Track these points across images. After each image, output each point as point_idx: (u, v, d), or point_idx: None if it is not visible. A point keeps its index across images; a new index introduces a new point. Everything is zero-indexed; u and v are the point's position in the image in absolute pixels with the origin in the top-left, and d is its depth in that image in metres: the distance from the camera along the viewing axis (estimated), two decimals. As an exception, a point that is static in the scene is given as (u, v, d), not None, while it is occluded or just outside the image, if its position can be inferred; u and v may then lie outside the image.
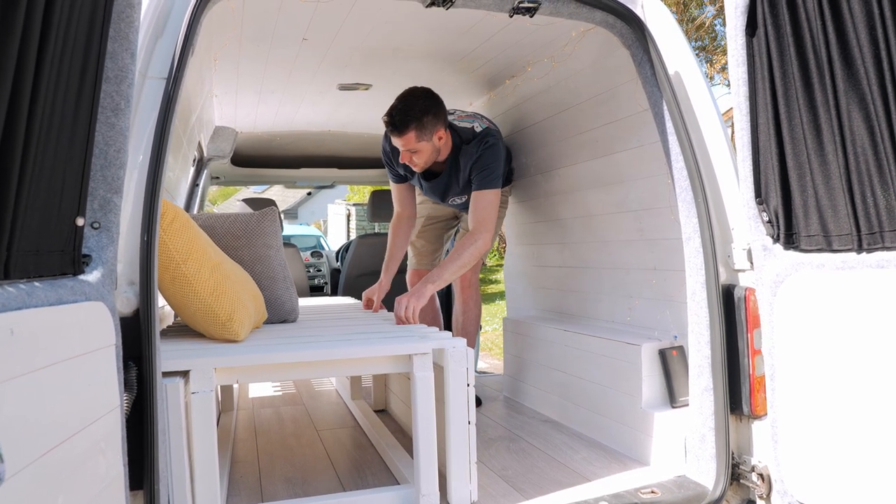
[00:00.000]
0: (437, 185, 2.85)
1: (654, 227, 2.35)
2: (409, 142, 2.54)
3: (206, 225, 2.31)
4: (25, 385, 0.92)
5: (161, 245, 1.79)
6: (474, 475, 1.88)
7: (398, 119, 2.49)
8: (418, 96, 2.54)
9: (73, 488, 1.05)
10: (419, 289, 2.45)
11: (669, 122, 1.97)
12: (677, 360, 2.21)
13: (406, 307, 2.37)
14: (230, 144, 3.84)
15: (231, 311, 1.88)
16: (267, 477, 2.16)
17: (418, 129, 2.52)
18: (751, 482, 1.82)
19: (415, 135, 2.52)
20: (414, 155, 2.60)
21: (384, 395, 3.07)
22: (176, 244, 1.83)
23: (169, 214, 1.81)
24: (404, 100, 2.52)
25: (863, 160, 1.41)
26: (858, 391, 1.45)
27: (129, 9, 1.31)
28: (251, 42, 2.46)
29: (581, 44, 2.50)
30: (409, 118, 2.49)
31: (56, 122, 1.09)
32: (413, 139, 2.53)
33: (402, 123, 2.49)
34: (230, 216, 2.36)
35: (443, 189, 2.87)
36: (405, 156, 2.61)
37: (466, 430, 1.86)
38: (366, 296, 2.99)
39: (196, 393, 1.62)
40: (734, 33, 1.68)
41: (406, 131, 2.50)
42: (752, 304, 1.82)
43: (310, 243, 11.72)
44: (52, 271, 1.14)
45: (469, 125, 2.73)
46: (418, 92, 2.56)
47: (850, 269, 1.46)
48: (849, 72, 1.42)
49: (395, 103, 2.52)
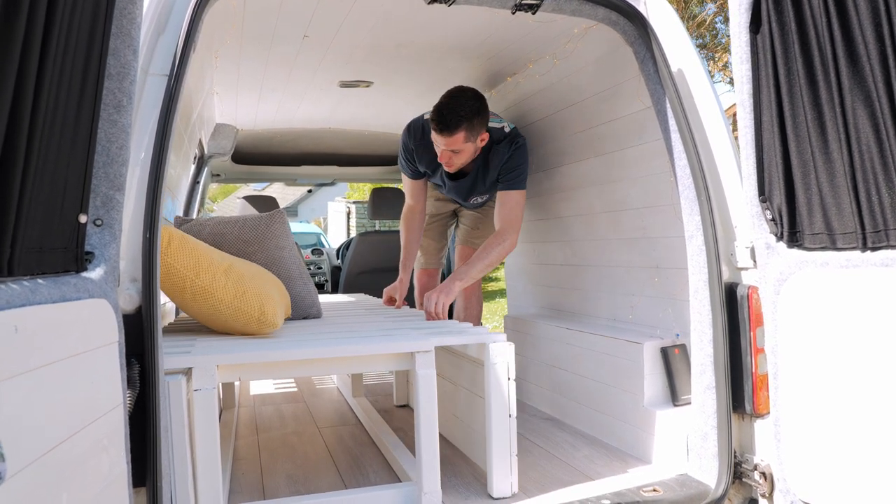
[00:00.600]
0: (463, 184, 2.82)
1: (657, 225, 2.35)
2: (455, 142, 2.47)
3: (215, 231, 2.31)
4: (29, 382, 0.92)
5: (168, 269, 1.84)
6: (515, 467, 1.92)
7: (449, 118, 2.41)
8: (469, 96, 2.46)
9: (76, 486, 1.05)
10: (447, 285, 2.47)
11: (672, 120, 1.96)
12: (679, 358, 2.21)
13: (436, 303, 2.39)
14: (231, 142, 3.84)
15: (260, 305, 1.92)
16: (268, 474, 2.16)
17: (468, 130, 2.46)
18: (753, 481, 1.82)
19: (464, 135, 2.46)
20: (455, 155, 2.54)
21: (406, 390, 3.10)
22: (182, 262, 1.86)
23: (164, 237, 1.83)
24: (455, 99, 2.44)
25: (868, 158, 1.41)
26: (861, 390, 1.45)
27: (132, 5, 1.30)
28: (252, 39, 2.45)
29: (583, 41, 2.49)
30: (460, 118, 2.42)
31: (59, 118, 1.09)
32: (461, 140, 2.47)
33: (454, 123, 2.42)
34: (238, 221, 2.35)
35: (468, 189, 2.84)
36: (444, 155, 2.54)
37: (508, 424, 1.90)
38: (387, 293, 2.99)
39: (198, 390, 1.62)
40: (738, 30, 1.67)
41: (456, 131, 2.44)
42: (755, 302, 1.82)
43: (310, 241, 11.73)
44: (55, 268, 1.13)
45: (499, 125, 2.70)
46: (468, 92, 2.49)
47: (855, 267, 1.46)
48: (854, 69, 1.41)
49: (445, 101, 2.44)
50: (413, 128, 2.76)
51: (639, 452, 2.23)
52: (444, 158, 2.56)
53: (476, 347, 1.99)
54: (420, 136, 2.73)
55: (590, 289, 2.81)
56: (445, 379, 2.48)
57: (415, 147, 2.75)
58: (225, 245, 2.29)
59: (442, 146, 2.51)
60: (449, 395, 2.45)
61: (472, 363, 2.17)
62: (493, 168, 2.72)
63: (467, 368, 2.24)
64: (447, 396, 2.47)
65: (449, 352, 2.40)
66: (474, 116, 2.46)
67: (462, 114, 2.42)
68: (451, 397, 2.43)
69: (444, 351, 2.44)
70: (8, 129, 0.94)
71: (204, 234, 2.30)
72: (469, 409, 2.25)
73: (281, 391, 3.57)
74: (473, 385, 2.18)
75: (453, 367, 2.39)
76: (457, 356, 2.32)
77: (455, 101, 2.44)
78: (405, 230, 2.97)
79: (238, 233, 2.31)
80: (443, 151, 2.53)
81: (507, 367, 1.91)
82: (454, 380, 2.39)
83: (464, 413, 2.31)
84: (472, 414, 2.21)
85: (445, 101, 2.45)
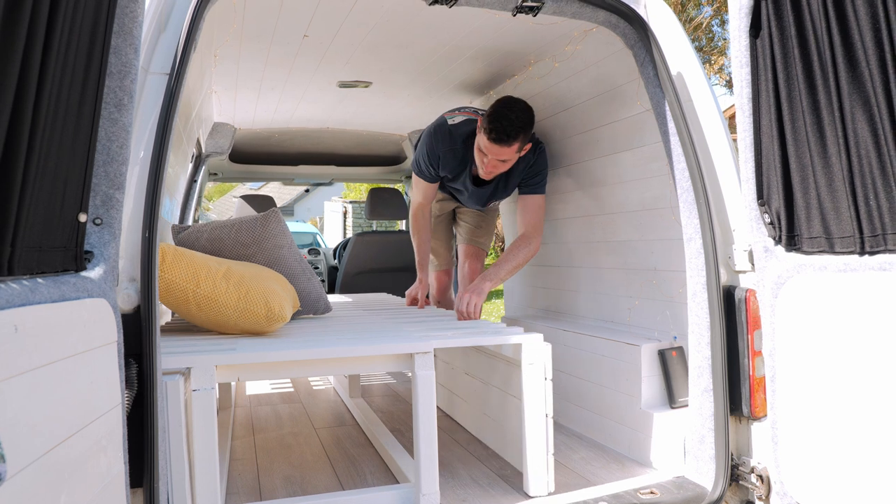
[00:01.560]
0: (485, 191, 2.82)
1: (655, 228, 2.35)
2: (509, 152, 2.48)
3: (213, 237, 2.30)
4: (28, 382, 0.92)
5: (167, 284, 1.88)
6: (551, 466, 1.95)
7: (510, 130, 2.41)
8: (522, 108, 2.47)
9: (75, 486, 1.04)
10: (478, 285, 2.51)
11: (671, 123, 1.97)
12: (677, 360, 2.22)
13: (468, 303, 2.44)
14: (229, 141, 3.83)
15: (266, 302, 1.94)
16: (265, 475, 2.16)
17: (522, 141, 2.49)
18: (750, 483, 1.82)
19: (518, 145, 2.48)
20: (501, 164, 2.55)
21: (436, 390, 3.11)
22: (180, 275, 1.89)
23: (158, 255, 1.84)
24: (511, 110, 2.43)
25: (866, 162, 1.41)
26: (859, 394, 1.45)
27: (133, 4, 1.30)
28: (252, 38, 2.45)
29: (583, 43, 2.49)
30: (519, 129, 2.43)
31: (60, 117, 1.08)
32: (514, 150, 2.49)
33: (514, 134, 2.42)
34: (235, 224, 2.34)
35: (489, 195, 2.85)
36: (491, 164, 2.53)
37: (545, 423, 1.93)
38: (409, 295, 3.02)
39: (197, 390, 1.62)
40: (738, 34, 1.68)
41: (513, 142, 2.45)
42: (753, 305, 1.82)
43: (306, 240, 11.71)
44: (55, 268, 1.13)
45: None
46: (521, 103, 2.49)
47: (853, 271, 1.46)
48: (853, 74, 1.42)
49: (503, 111, 2.42)
50: (440, 133, 2.73)
51: (636, 455, 2.24)
52: (491, 167, 2.55)
53: (512, 347, 2.01)
54: (448, 143, 2.71)
55: (587, 291, 2.82)
56: (476, 378, 2.52)
57: (441, 154, 2.73)
58: (224, 250, 2.29)
59: (492, 155, 2.50)
60: (479, 394, 2.49)
61: (506, 363, 2.20)
62: (516, 174, 2.72)
63: (500, 368, 2.27)
64: (477, 395, 2.51)
65: (480, 351, 2.44)
66: (529, 127, 2.48)
67: (520, 125, 2.43)
68: (482, 396, 2.46)
69: (474, 350, 2.49)
70: (10, 127, 0.94)
71: (202, 240, 2.29)
72: (501, 409, 2.28)
73: (277, 391, 3.57)
74: (507, 385, 2.21)
75: (485, 367, 2.42)
76: (489, 355, 2.36)
77: (512, 113, 2.43)
78: (417, 230, 2.96)
79: (235, 237, 2.30)
80: (491, 160, 2.52)
81: (543, 367, 1.94)
82: (486, 379, 2.42)
83: (495, 412, 2.34)
84: (505, 413, 2.24)
85: (503, 111, 2.43)
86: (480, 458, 2.28)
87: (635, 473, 2.10)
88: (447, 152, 2.71)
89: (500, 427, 2.29)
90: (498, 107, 2.45)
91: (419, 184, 2.89)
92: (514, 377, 2.12)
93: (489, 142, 2.45)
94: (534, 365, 1.93)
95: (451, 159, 2.73)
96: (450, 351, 2.81)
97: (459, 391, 2.74)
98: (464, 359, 2.66)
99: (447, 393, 2.92)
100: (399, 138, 4.42)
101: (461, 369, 2.69)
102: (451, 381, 2.85)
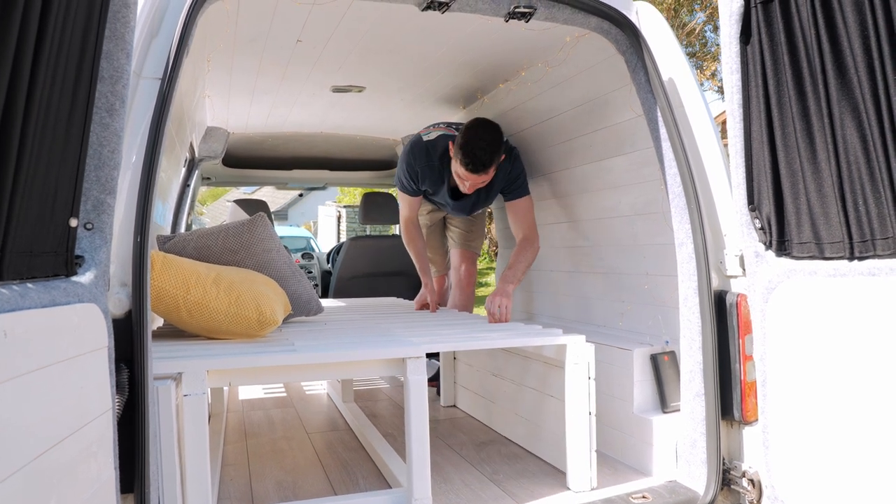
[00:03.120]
0: (466, 203, 2.94)
1: (647, 233, 2.36)
2: (487, 176, 2.61)
3: (199, 245, 2.29)
4: (18, 388, 0.91)
5: (158, 292, 1.88)
6: (594, 462, 2.01)
7: (486, 160, 2.53)
8: (492, 129, 2.58)
9: (65, 492, 1.04)
10: (504, 288, 2.60)
11: (663, 128, 1.98)
12: (669, 365, 2.22)
13: (499, 305, 2.52)
14: (222, 145, 3.83)
15: (257, 306, 1.95)
16: (258, 480, 2.15)
17: (497, 161, 2.60)
18: (741, 487, 1.83)
19: (494, 168, 2.61)
20: (482, 183, 2.65)
21: (452, 391, 3.20)
22: (170, 282, 1.90)
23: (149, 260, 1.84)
24: (482, 138, 2.54)
25: (855, 168, 1.42)
26: (849, 398, 1.46)
27: (125, 8, 1.30)
28: (245, 43, 2.45)
29: (575, 49, 2.50)
30: (493, 154, 2.55)
31: (51, 121, 1.08)
32: (492, 172, 2.62)
33: (489, 162, 2.54)
34: (222, 231, 2.33)
35: (472, 203, 2.96)
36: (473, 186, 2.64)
37: (588, 421, 2.00)
38: (418, 302, 3.13)
39: (188, 395, 1.61)
40: (728, 41, 1.69)
41: (490, 169, 2.58)
42: (744, 310, 1.83)
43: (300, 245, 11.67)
44: (45, 272, 1.12)
45: None
46: (489, 125, 2.59)
47: (842, 276, 1.47)
48: (842, 80, 1.43)
49: (474, 141, 2.52)
50: (416, 149, 2.84)
51: (628, 459, 2.24)
52: (472, 189, 2.67)
53: (554, 348, 2.08)
54: (425, 159, 2.81)
55: (580, 295, 2.82)
56: (505, 379, 2.57)
57: (420, 170, 2.84)
58: (211, 257, 2.28)
59: (470, 182, 2.62)
60: (510, 394, 2.55)
61: (544, 363, 2.26)
62: (496, 183, 2.82)
63: (535, 368, 2.34)
64: (507, 396, 2.57)
65: (510, 352, 2.51)
66: (501, 146, 2.60)
67: (493, 150, 2.54)
68: (513, 397, 2.53)
69: (502, 352, 2.57)
70: (0, 131, 0.93)
71: (189, 249, 2.28)
72: (537, 409, 2.34)
73: (270, 396, 3.56)
74: (544, 385, 2.29)
75: (516, 368, 2.49)
76: (523, 357, 2.42)
77: (483, 141, 2.53)
78: (411, 240, 3.06)
79: (223, 243, 2.29)
80: (471, 185, 2.64)
81: (587, 366, 2.00)
82: (518, 380, 2.48)
83: (529, 412, 2.40)
84: (541, 413, 2.31)
85: (474, 141, 2.52)
86: (473, 463, 2.28)
87: (627, 478, 2.10)
88: (425, 167, 2.82)
89: (536, 426, 2.36)
90: (469, 136, 2.55)
91: (403, 198, 3.01)
92: (553, 377, 2.21)
93: (466, 171, 2.56)
94: (578, 365, 2.00)
95: (430, 174, 2.84)
96: (473, 353, 2.89)
97: (485, 392, 2.80)
98: (490, 361, 2.73)
99: (471, 395, 2.98)
100: (392, 143, 4.42)
101: (487, 371, 2.76)
102: (476, 383, 2.91)
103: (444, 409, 3.13)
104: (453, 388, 3.20)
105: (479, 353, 2.80)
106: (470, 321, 2.55)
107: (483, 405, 2.84)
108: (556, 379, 2.17)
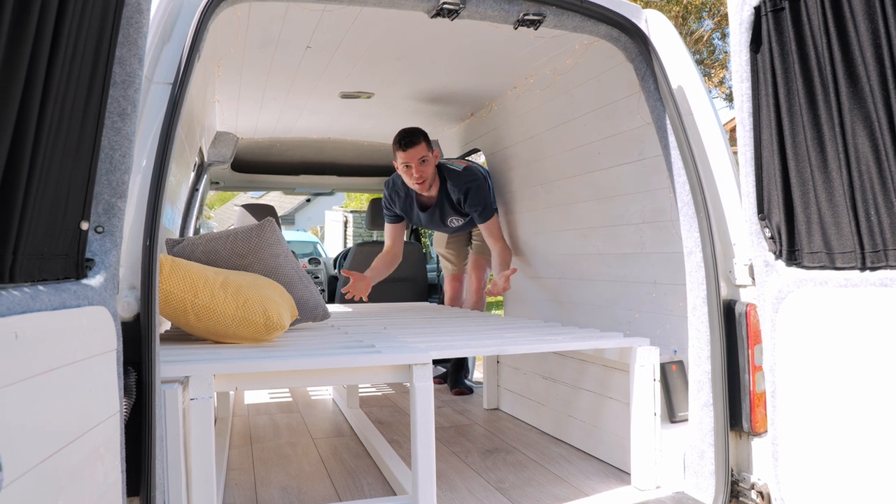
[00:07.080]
0: (434, 212, 3.46)
1: (655, 241, 2.35)
2: (421, 151, 3.15)
3: (208, 249, 2.30)
4: (28, 390, 0.92)
5: (166, 295, 1.90)
6: (658, 462, 2.06)
7: (413, 134, 3.15)
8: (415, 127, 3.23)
9: (72, 494, 1.04)
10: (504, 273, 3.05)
11: (672, 136, 1.97)
12: (677, 374, 2.21)
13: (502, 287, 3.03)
14: (231, 150, 3.84)
15: (264, 311, 1.95)
16: (262, 485, 2.15)
17: (426, 141, 3.19)
18: (750, 500, 1.81)
19: (424, 145, 3.17)
20: (423, 166, 3.17)
21: (496, 394, 3.26)
22: (178, 286, 1.91)
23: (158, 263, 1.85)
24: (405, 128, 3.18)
25: (867, 177, 1.41)
26: (860, 410, 1.45)
27: (138, 14, 1.31)
28: (255, 49, 2.46)
29: (584, 56, 2.51)
30: (417, 133, 3.17)
31: (64, 125, 1.09)
32: (424, 148, 3.16)
33: (416, 136, 3.15)
34: (230, 235, 2.33)
35: (440, 214, 3.46)
36: (416, 170, 3.17)
37: (653, 421, 2.06)
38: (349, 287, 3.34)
39: (195, 399, 1.61)
40: (738, 49, 1.69)
41: (418, 142, 3.15)
42: (754, 319, 1.82)
43: (307, 250, 11.71)
44: (56, 275, 1.13)
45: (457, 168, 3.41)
46: None
47: (854, 286, 1.46)
48: (853, 89, 1.42)
49: (400, 131, 3.16)
50: (388, 183, 3.55)
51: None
52: (417, 174, 3.18)
53: (618, 351, 2.14)
54: (393, 187, 3.50)
55: (587, 303, 2.81)
56: (558, 382, 2.65)
57: (390, 195, 3.52)
58: (219, 261, 2.28)
59: (411, 161, 3.15)
60: (562, 397, 2.63)
61: (603, 367, 2.33)
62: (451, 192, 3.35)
63: (592, 371, 2.41)
64: (559, 399, 2.65)
65: (563, 356, 2.60)
66: (424, 133, 3.21)
67: (418, 131, 3.19)
68: (566, 399, 2.60)
69: (555, 356, 2.67)
70: (14, 135, 0.94)
71: (197, 253, 2.28)
72: (594, 411, 2.41)
73: (275, 401, 3.56)
74: (602, 387, 2.35)
75: (571, 371, 2.56)
76: (578, 360, 2.49)
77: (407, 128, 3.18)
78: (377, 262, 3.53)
79: (231, 247, 2.30)
80: (415, 167, 3.16)
81: (652, 369, 2.06)
82: (571, 382, 2.55)
83: (585, 414, 2.47)
84: (599, 415, 2.38)
85: (401, 130, 3.18)
86: (478, 471, 2.27)
87: (635, 489, 2.09)
88: (392, 193, 3.50)
89: (595, 427, 2.41)
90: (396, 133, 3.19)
91: (387, 229, 3.63)
92: (614, 379, 2.28)
93: (403, 151, 3.13)
94: (644, 367, 2.05)
95: (398, 199, 3.50)
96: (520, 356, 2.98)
97: (534, 395, 2.87)
98: (541, 364, 2.79)
99: (516, 397, 3.04)
100: (400, 149, 4.43)
101: (536, 374, 2.83)
102: (522, 386, 2.98)
103: (486, 411, 3.18)
104: (496, 391, 3.25)
105: (527, 356, 2.85)
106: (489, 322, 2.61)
107: (531, 408, 2.88)
108: (618, 381, 2.25)
